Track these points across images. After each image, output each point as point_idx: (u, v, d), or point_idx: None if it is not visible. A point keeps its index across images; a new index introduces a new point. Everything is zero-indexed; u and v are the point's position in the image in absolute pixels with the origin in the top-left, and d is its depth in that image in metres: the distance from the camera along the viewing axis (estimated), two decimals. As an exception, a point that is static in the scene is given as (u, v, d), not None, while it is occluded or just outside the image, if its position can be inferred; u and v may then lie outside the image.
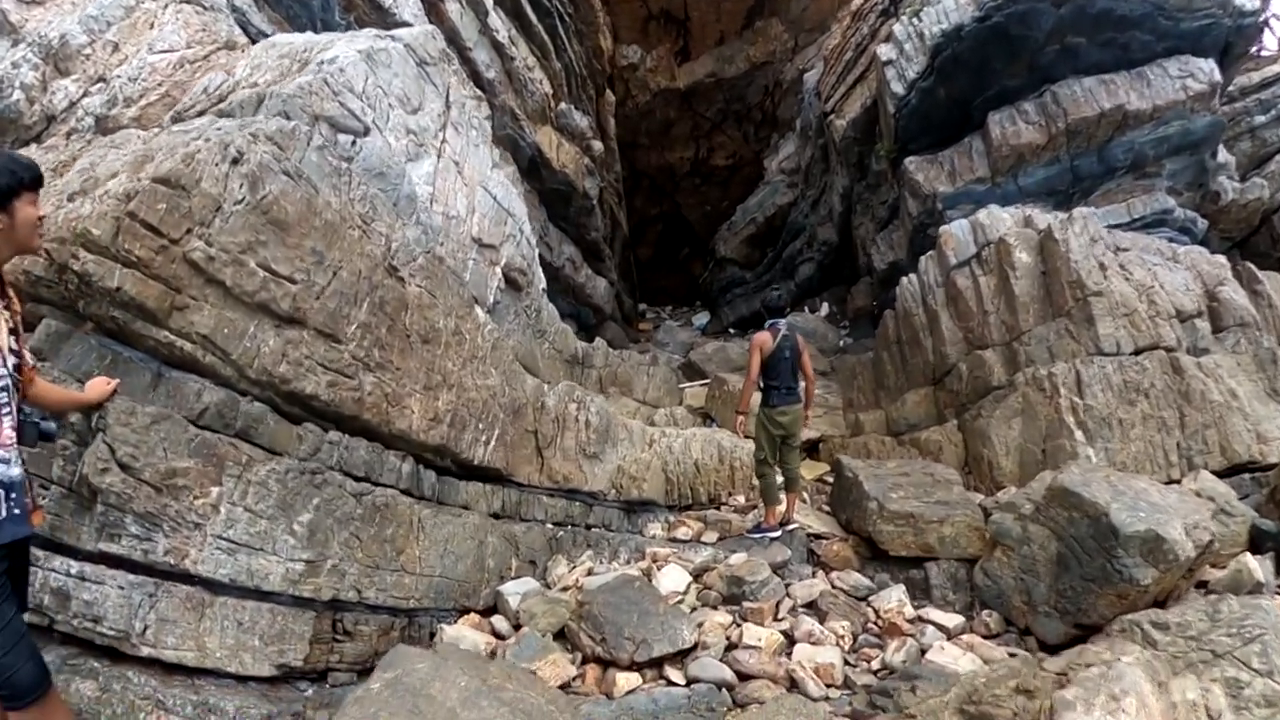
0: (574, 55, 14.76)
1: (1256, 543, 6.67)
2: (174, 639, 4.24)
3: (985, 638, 5.91)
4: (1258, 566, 5.66)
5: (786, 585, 6.61)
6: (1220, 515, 6.47)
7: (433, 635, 5.61)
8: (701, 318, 20.58)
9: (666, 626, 5.51)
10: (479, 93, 11.85)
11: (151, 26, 7.44)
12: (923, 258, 10.61)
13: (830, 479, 9.27)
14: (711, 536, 7.96)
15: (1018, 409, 8.37)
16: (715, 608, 6.28)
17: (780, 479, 7.91)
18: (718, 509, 8.75)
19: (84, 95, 6.78)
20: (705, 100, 21.02)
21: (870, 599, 6.55)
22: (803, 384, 7.82)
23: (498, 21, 12.63)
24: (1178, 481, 7.76)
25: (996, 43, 11.86)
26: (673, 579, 6.56)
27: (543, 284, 9.66)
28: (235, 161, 4.71)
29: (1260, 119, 15.51)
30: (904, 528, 6.97)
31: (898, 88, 12.66)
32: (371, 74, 6.70)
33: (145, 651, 4.11)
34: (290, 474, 4.81)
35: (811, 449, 10.76)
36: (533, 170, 13.33)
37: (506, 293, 8.58)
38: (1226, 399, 8.32)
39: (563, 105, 14.07)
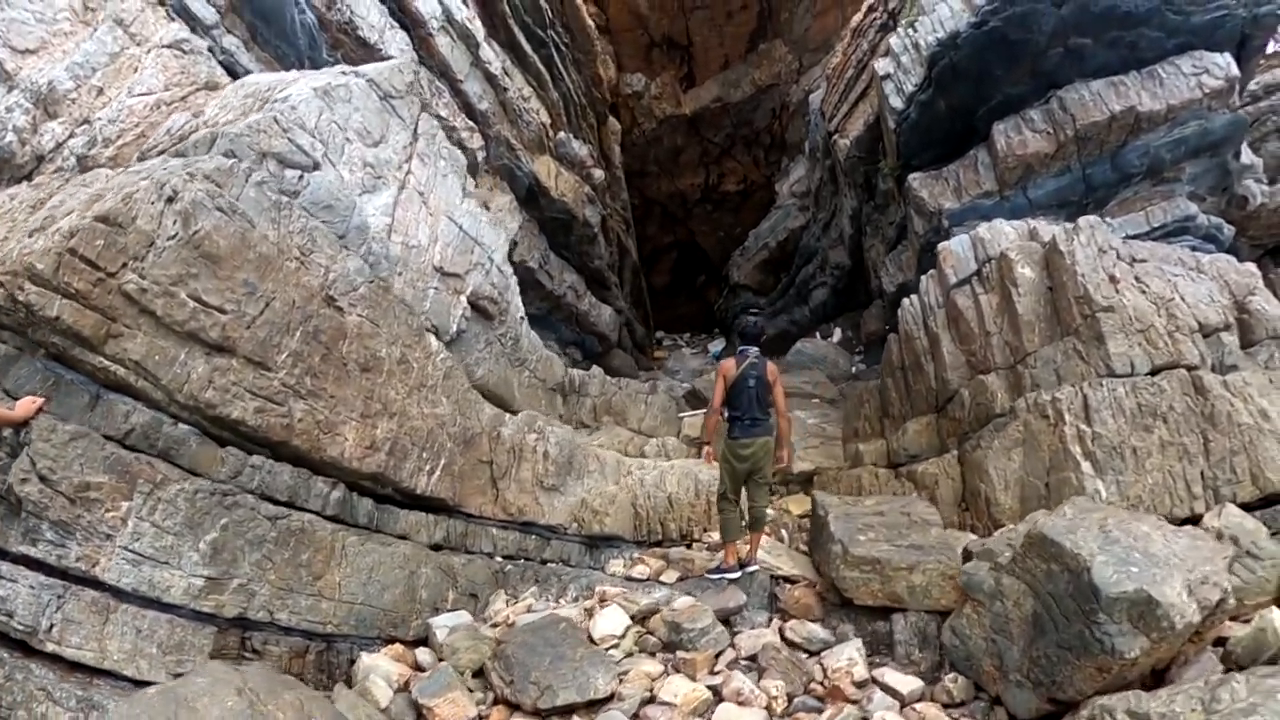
0: (572, 84, 14.14)
1: (1288, 590, 5.66)
2: (78, 639, 4.43)
3: (947, 706, 5.06)
4: (1287, 625, 4.66)
5: (735, 634, 6.01)
6: (1245, 559, 5.47)
7: (353, 662, 5.61)
8: (718, 344, 19.74)
9: (579, 674, 5.25)
10: (470, 124, 11.45)
11: (135, 70, 7.60)
12: (923, 277, 9.68)
13: (814, 516, 8.46)
14: (671, 576, 7.30)
15: (1018, 439, 7.37)
16: (653, 654, 5.85)
17: (746, 516, 7.25)
18: (688, 546, 8.09)
19: (69, 136, 6.97)
20: (712, 126, 20.26)
21: (822, 654, 5.74)
22: (774, 416, 7.12)
23: (490, 54, 12.16)
24: (1200, 517, 6.77)
25: (996, 49, 10.92)
26: (610, 622, 6.17)
27: (520, 312, 9.17)
28: (170, 200, 4.98)
29: None
30: (870, 574, 6.10)
31: (896, 102, 11.77)
32: (327, 109, 6.71)
33: (50, 648, 4.32)
34: (200, 494, 4.97)
35: (805, 482, 9.90)
36: (531, 199, 12.72)
37: (476, 321, 8.23)
38: (1258, 421, 7.22)
39: (561, 134, 13.43)
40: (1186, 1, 11.01)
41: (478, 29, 11.90)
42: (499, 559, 7.20)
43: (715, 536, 8.04)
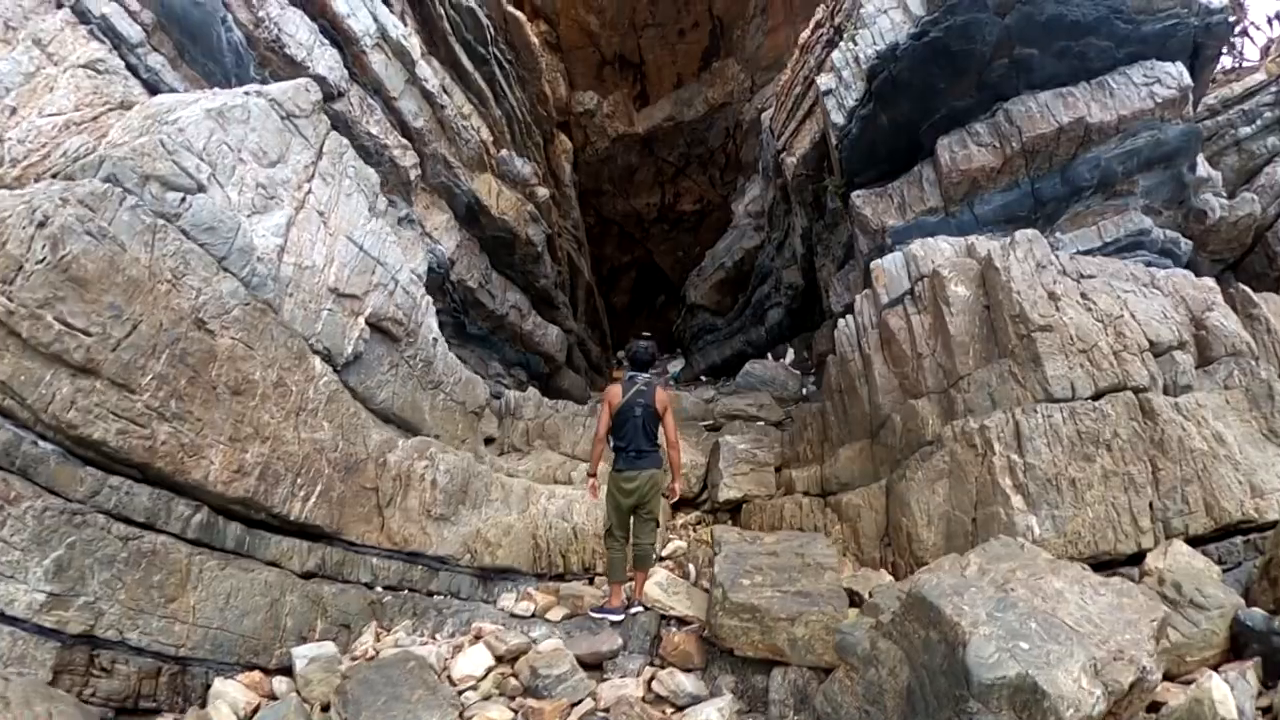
0: (516, 102, 13.41)
1: (1238, 643, 4.86)
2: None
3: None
4: (1227, 695, 3.81)
5: (603, 681, 5.49)
6: (1187, 610, 4.68)
7: (209, 686, 5.46)
8: (676, 365, 18.96)
9: (410, 716, 4.91)
10: (404, 141, 10.80)
11: (50, 90, 7.52)
12: (858, 296, 8.92)
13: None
14: (559, 613, 6.72)
15: (944, 469, 6.59)
16: (514, 698, 5.50)
17: (634, 553, 6.66)
18: (590, 580, 7.51)
19: (-18, 156, 6.76)
20: (666, 145, 19.51)
21: (686, 711, 5.10)
22: (663, 447, 6.55)
23: (428, 71, 11.48)
24: (1148, 552, 5.99)
25: (937, 60, 10.19)
26: (472, 662, 5.77)
27: (434, 334, 8.51)
28: (41, 224, 4.99)
29: (1245, 130, 13.58)
30: (749, 623, 5.40)
31: (838, 117, 11.04)
32: (220, 130, 6.48)
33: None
34: (49, 512, 4.92)
35: (733, 511, 9.18)
36: (471, 218, 12.00)
37: (379, 343, 7.62)
38: (1212, 446, 6.50)
39: (503, 152, 12.68)
40: (1136, 10, 10.31)
41: (414, 46, 11.24)
42: (379, 589, 6.70)
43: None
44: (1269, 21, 15.34)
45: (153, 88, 8.31)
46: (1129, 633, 3.66)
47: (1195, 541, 6.17)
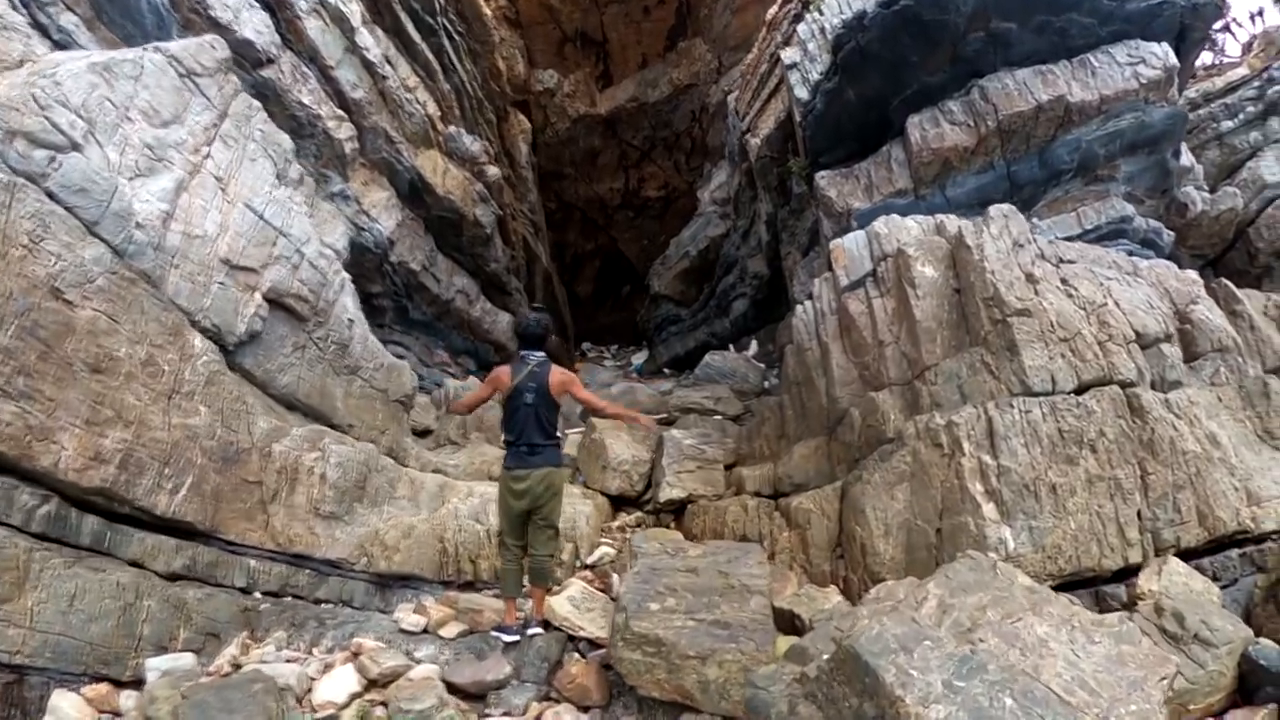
0: (466, 76, 12.38)
1: (1247, 684, 3.94)
2: None
3: None
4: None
5: (483, 718, 4.72)
6: (1192, 647, 3.72)
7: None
8: (640, 357, 17.92)
9: None
10: (340, 113, 9.79)
11: None
12: (817, 280, 7.94)
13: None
14: (454, 629, 5.65)
15: (905, 471, 5.60)
16: None
17: (530, 566, 5.67)
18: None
19: None
20: (630, 127, 18.39)
21: None
22: (557, 439, 5.63)
23: (369, 39, 10.47)
24: (1138, 568, 5.07)
25: (909, 31, 9.25)
26: (335, 686, 4.81)
27: (350, 314, 7.45)
28: None
29: (1228, 125, 12.93)
30: (653, 658, 4.34)
31: (802, 92, 10.08)
32: (104, 86, 5.76)
33: None
34: None
35: (677, 512, 8.16)
36: (414, 196, 10.99)
37: (281, 322, 6.71)
38: (1205, 448, 5.63)
39: (451, 128, 11.64)
40: None
41: (354, 12, 10.26)
42: (256, 594, 5.77)
43: None
44: (1251, 18, 14.73)
45: (63, 49, 7.20)
46: (1135, 700, 2.69)
47: (1187, 555, 5.32)
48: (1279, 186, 12.16)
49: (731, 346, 14.09)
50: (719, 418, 10.47)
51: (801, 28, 10.22)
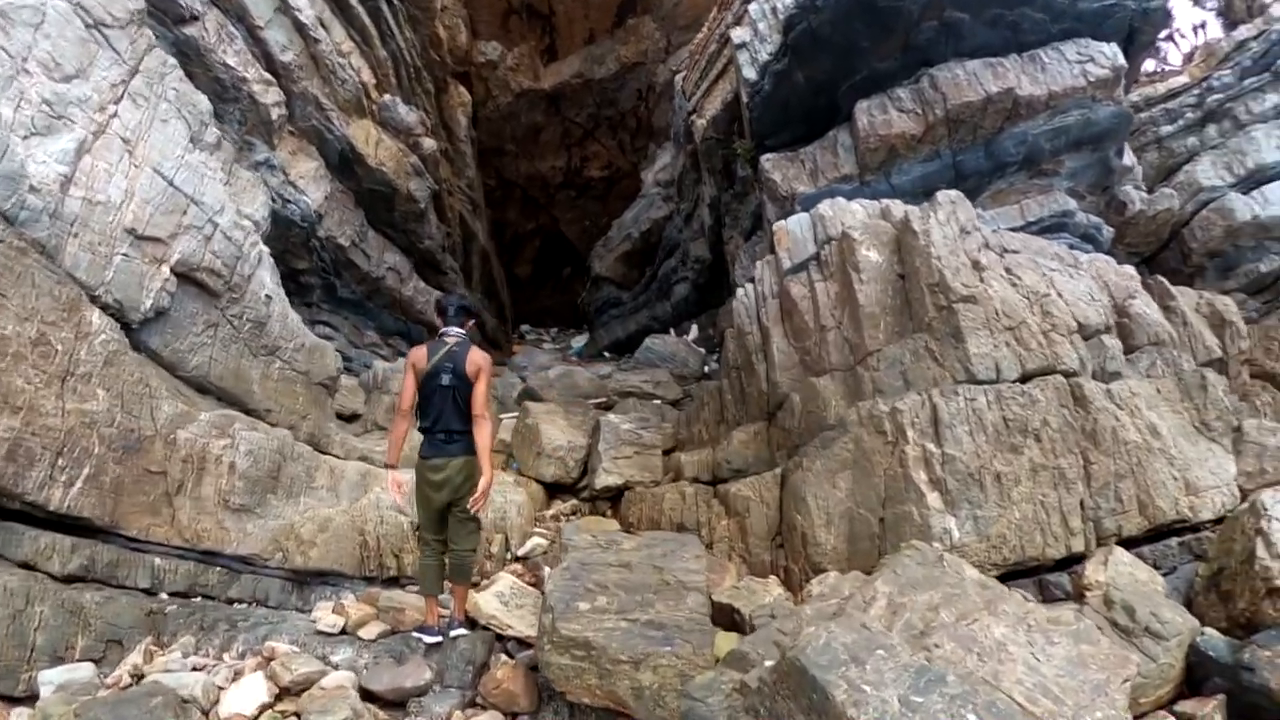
0: (404, 44, 11.87)
1: (1195, 675, 3.85)
2: None
3: None
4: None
5: None
6: (1144, 639, 3.59)
7: None
8: (580, 340, 17.58)
9: None
10: (267, 76, 9.25)
11: None
12: (759, 263, 7.73)
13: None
14: (374, 629, 5.21)
15: (847, 459, 5.40)
16: None
17: (450, 562, 5.22)
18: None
19: None
20: (574, 104, 17.93)
21: None
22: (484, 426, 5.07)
23: (302, 0, 9.87)
24: (1081, 557, 4.98)
25: (862, 16, 9.11)
26: (244, 697, 4.35)
27: (268, 290, 6.90)
28: None
29: (1167, 129, 13.21)
30: (583, 663, 3.99)
31: (750, 72, 9.85)
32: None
33: None
34: None
35: (615, 500, 7.85)
36: (345, 167, 10.45)
37: (192, 298, 6.14)
38: (1146, 438, 5.58)
39: (386, 97, 11.13)
40: None
41: (288, -30, 9.67)
42: (163, 596, 5.22)
43: None
44: (1194, 30, 15.10)
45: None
46: (1100, 706, 2.50)
47: (1128, 544, 5.29)
48: (1214, 190, 12.37)
49: (672, 330, 13.85)
50: (658, 402, 10.23)
51: (753, 7, 9.98)
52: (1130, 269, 8.07)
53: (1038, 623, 3.02)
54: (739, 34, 10.04)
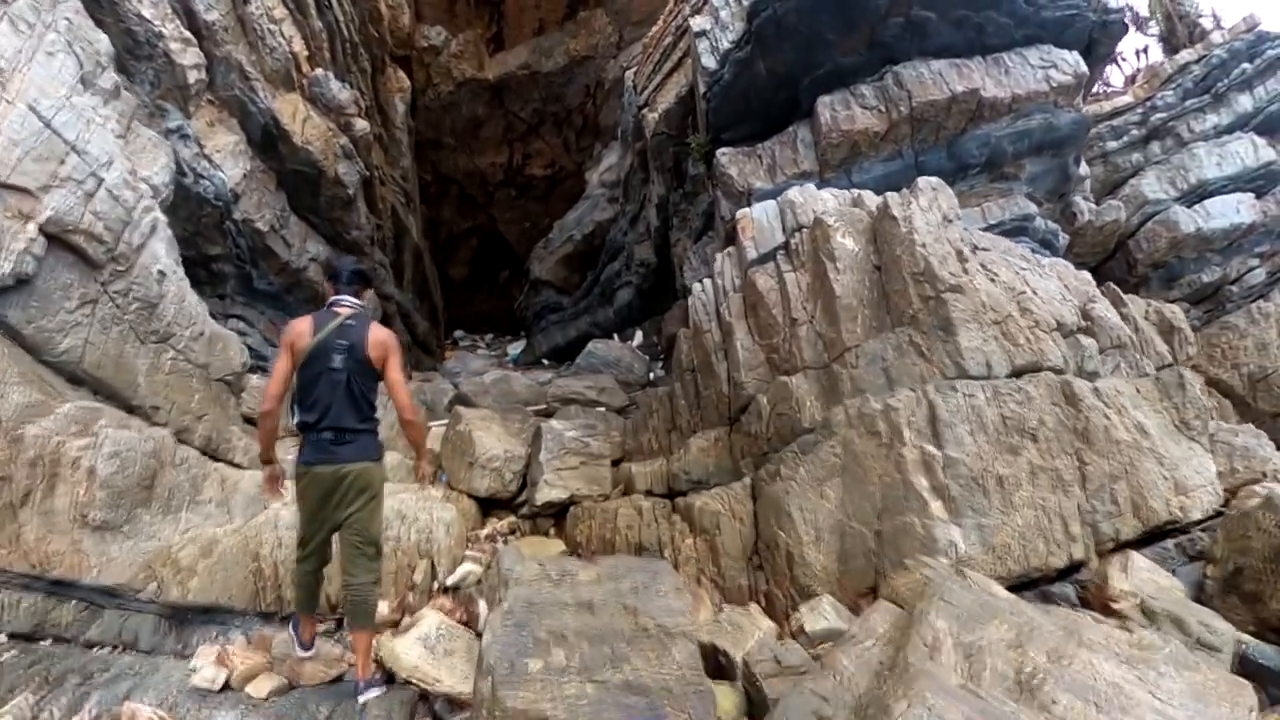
0: (342, 16, 10.97)
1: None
2: None
3: None
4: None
5: None
6: (1198, 652, 3.02)
7: None
8: (517, 347, 16.71)
9: None
10: (187, 34, 8.34)
11: None
12: (719, 255, 7.09)
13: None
14: (266, 685, 4.08)
15: (835, 465, 4.77)
16: None
17: (347, 597, 4.14)
18: (338, 625, 4.85)
19: None
20: (519, 98, 17.06)
21: None
22: (375, 422, 4.11)
23: (234, -44, 8.97)
24: (1080, 565, 4.49)
25: (829, 7, 8.65)
26: None
27: (161, 265, 5.88)
28: None
29: (1112, 144, 13.45)
30: None
31: (709, 61, 9.27)
32: None
33: None
34: None
35: (558, 516, 6.98)
36: (268, 144, 9.47)
37: (67, 267, 5.09)
38: (1135, 437, 5.19)
39: (318, 72, 10.21)
40: None
41: (217, -82, 8.76)
42: (1, 638, 4.03)
43: (384, 609, 4.87)
44: (1136, 54, 15.49)
45: None
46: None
47: (1123, 548, 4.87)
48: (1159, 203, 12.56)
49: (616, 336, 13.13)
50: (603, 409, 9.49)
51: (714, -6, 9.42)
52: (1086, 274, 7.81)
53: (1136, 652, 2.40)
54: (699, 22, 9.47)
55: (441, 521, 5.66)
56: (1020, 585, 4.59)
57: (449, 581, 5.35)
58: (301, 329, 3.92)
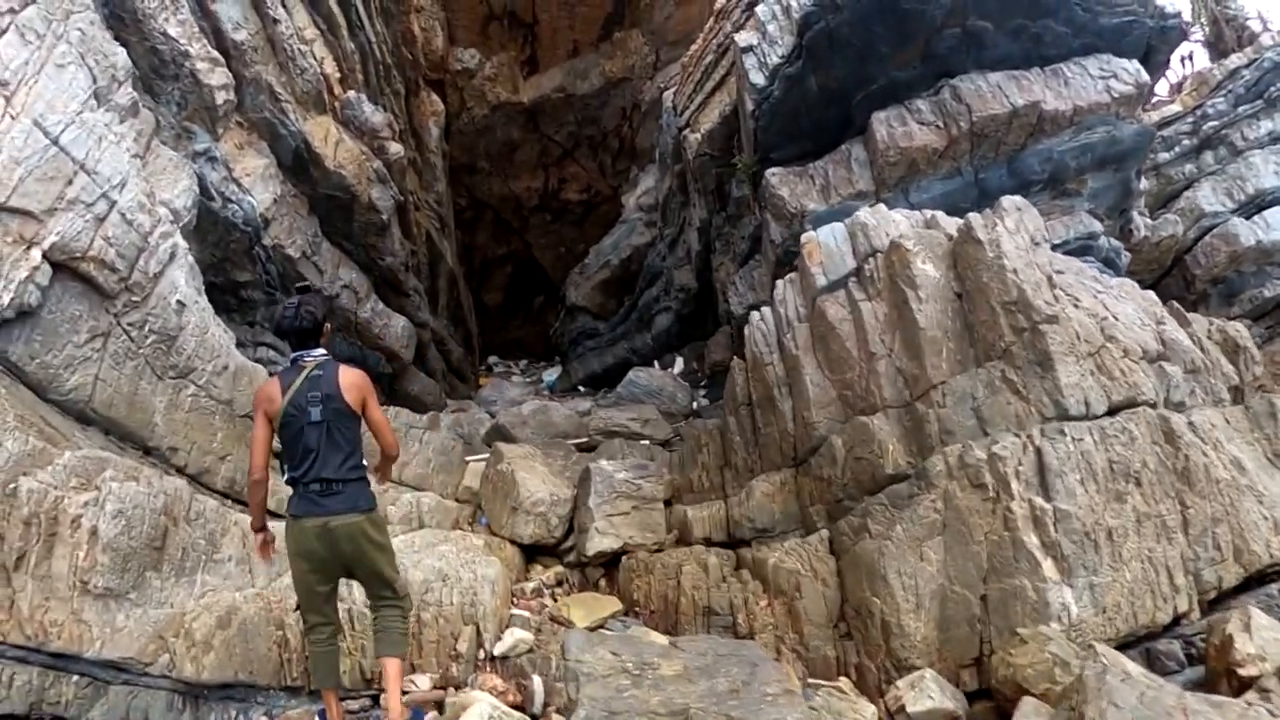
0: (375, 37, 10.64)
1: None
2: None
3: None
4: None
5: None
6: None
7: None
8: (552, 373, 16.25)
9: None
10: (214, 54, 7.93)
11: None
12: (779, 283, 6.58)
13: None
14: None
15: (935, 523, 4.22)
16: None
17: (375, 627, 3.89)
18: (374, 702, 4.31)
19: None
20: (554, 121, 16.67)
21: None
22: (363, 468, 3.75)
23: (263, -27, 8.65)
24: (1182, 618, 3.97)
25: (884, 18, 8.17)
26: None
27: (180, 294, 5.35)
28: None
29: (1164, 156, 13.00)
30: None
31: (758, 77, 8.80)
32: None
33: None
34: None
35: (608, 566, 6.40)
36: (299, 168, 9.09)
37: (76, 297, 4.57)
38: (1234, 475, 4.70)
39: (350, 94, 9.86)
40: (1096, 0, 8.80)
41: (247, -63, 8.46)
42: None
43: (425, 682, 4.37)
44: (1181, 61, 15.00)
45: None
46: None
47: (1223, 597, 4.43)
48: (1216, 216, 12.09)
49: (656, 364, 12.62)
50: (646, 443, 8.96)
51: (761, 8, 8.99)
52: (1152, 294, 7.21)
53: None
54: (745, 38, 9.02)
55: (485, 579, 5.12)
56: (1123, 645, 4.10)
57: (497, 651, 4.78)
58: (270, 392, 3.71)
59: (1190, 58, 16.48)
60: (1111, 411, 4.61)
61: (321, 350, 3.79)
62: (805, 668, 4.54)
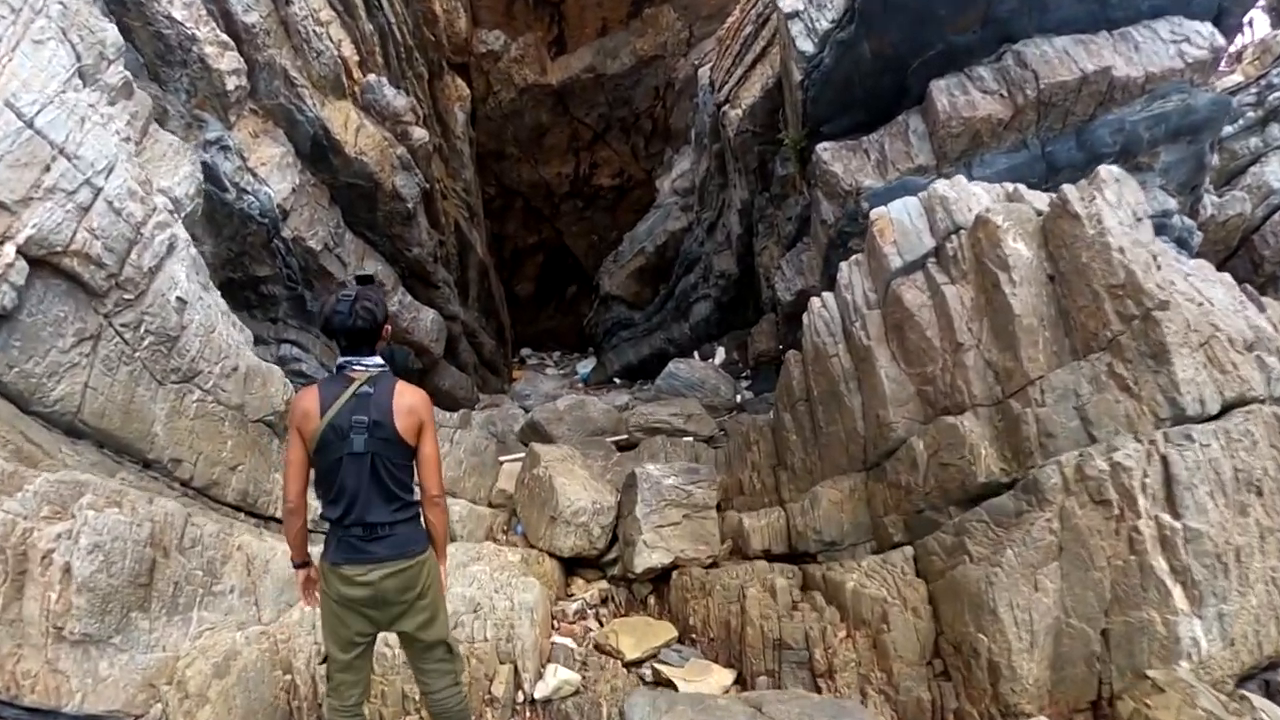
0: (395, 18, 10.16)
1: None
2: None
3: None
4: None
5: None
6: None
7: None
8: (586, 365, 15.76)
9: None
10: (225, 39, 7.67)
11: None
12: (844, 265, 5.99)
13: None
14: None
15: (1051, 546, 3.65)
16: None
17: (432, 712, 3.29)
18: None
19: None
20: (584, 103, 16.14)
21: None
22: (416, 506, 3.13)
23: (273, -46, 8.24)
24: None
25: (942, -21, 7.51)
26: None
27: (180, 292, 4.86)
28: None
29: (1228, 130, 12.15)
30: None
31: (806, 44, 8.20)
32: None
33: None
34: None
35: (658, 581, 5.85)
36: (319, 155, 8.72)
37: (60, 297, 4.11)
38: None
39: (370, 77, 9.40)
40: None
41: (256, -86, 8.03)
42: None
43: None
44: (1241, 28, 14.05)
45: None
46: None
47: None
48: None
49: (695, 354, 12.08)
50: (690, 439, 8.43)
51: (805, -29, 8.35)
52: (1228, 277, 6.54)
53: None
54: (790, 3, 8.42)
55: (524, 607, 4.57)
56: (1244, 678, 3.55)
57: (538, 694, 4.25)
58: (308, 406, 2.99)
59: (1251, 24, 15.60)
60: (1224, 410, 4.03)
61: (377, 360, 3.10)
62: (895, 712, 3.99)
